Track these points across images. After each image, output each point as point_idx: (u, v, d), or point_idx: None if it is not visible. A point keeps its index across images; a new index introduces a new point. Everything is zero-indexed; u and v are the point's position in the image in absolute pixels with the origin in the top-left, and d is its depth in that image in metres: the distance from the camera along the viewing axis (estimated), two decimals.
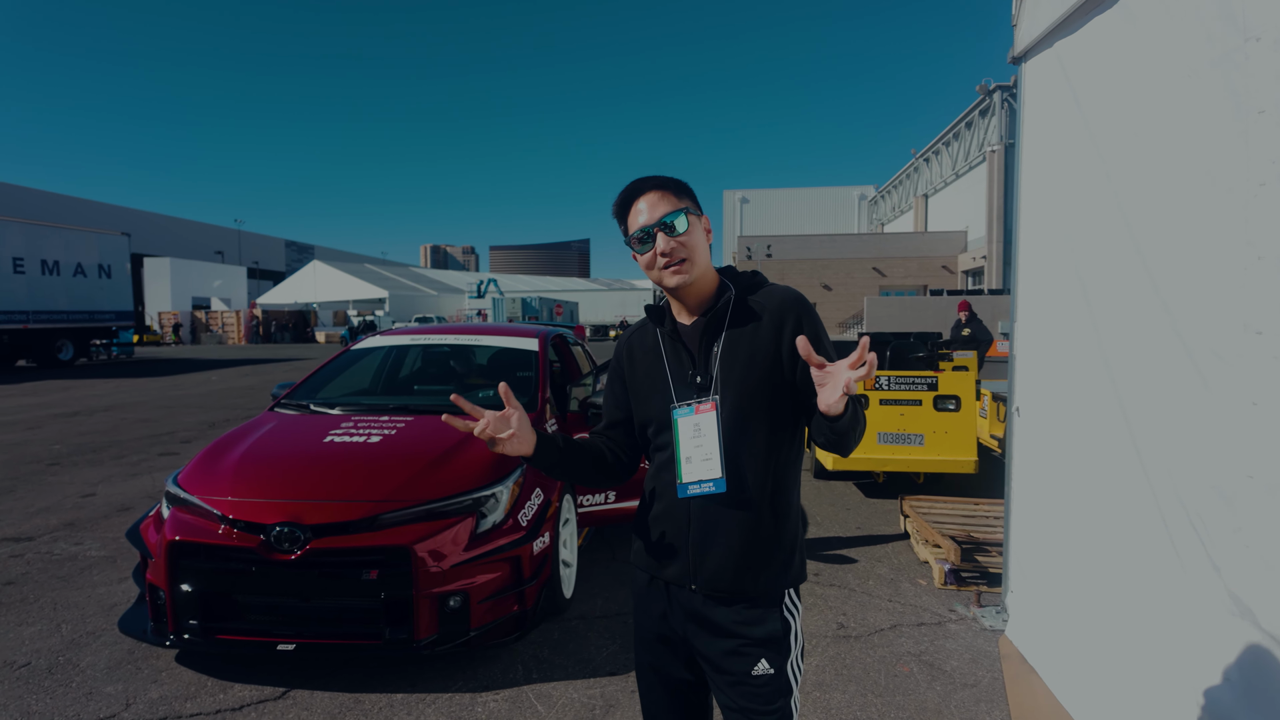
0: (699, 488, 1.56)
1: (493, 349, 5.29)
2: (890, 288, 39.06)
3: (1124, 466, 2.67)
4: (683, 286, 1.60)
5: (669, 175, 1.62)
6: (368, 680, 3.16)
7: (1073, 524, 3.07)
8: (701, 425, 1.57)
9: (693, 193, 1.63)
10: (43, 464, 7.66)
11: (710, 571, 1.57)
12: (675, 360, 1.65)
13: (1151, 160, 2.53)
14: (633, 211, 1.60)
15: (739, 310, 1.62)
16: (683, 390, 1.62)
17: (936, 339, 9.71)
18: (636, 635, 1.74)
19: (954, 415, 6.06)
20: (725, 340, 1.60)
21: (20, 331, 20.80)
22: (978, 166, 34.98)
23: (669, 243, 1.55)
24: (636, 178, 1.63)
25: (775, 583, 1.58)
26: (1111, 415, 2.76)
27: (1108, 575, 2.79)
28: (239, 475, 3.34)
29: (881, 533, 5.37)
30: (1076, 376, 3.04)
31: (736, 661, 1.56)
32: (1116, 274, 2.73)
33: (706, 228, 1.63)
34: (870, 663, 3.35)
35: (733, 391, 1.57)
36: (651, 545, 1.67)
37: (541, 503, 3.53)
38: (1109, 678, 2.70)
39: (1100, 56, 2.86)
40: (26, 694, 3.06)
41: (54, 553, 4.84)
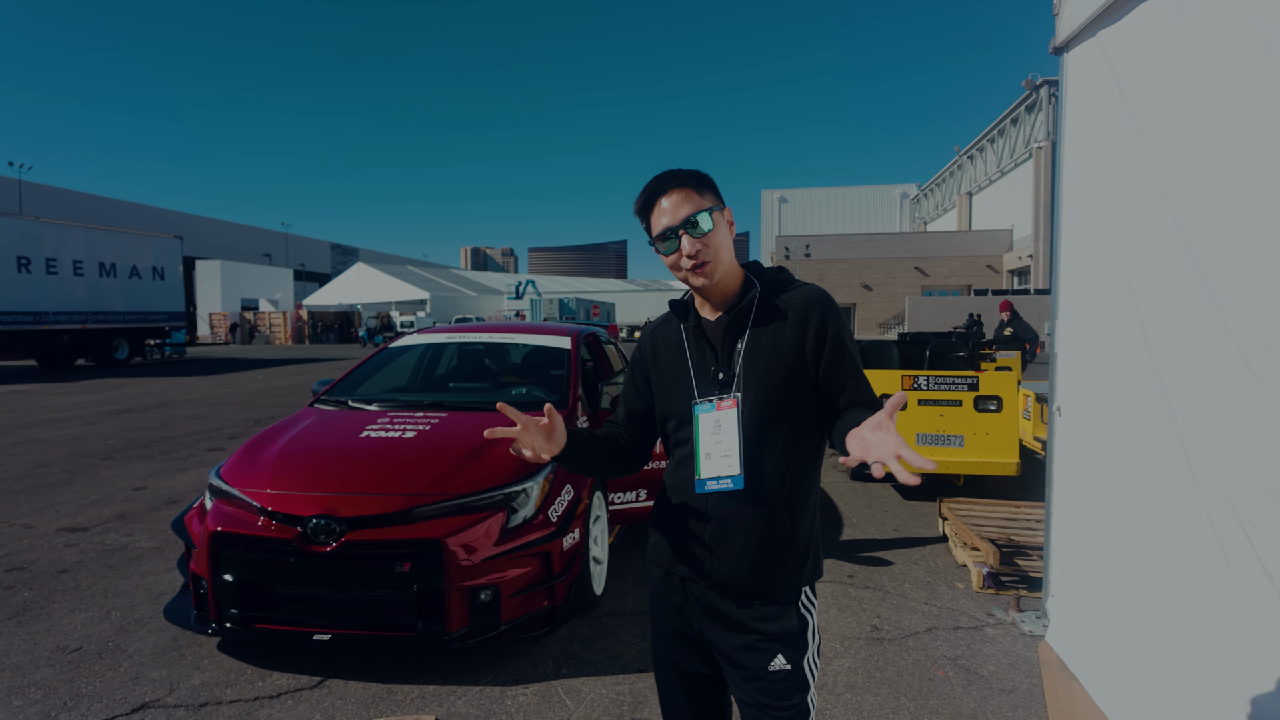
0: (717, 484, 1.56)
1: (526, 347, 5.33)
2: (933, 288, 38.36)
3: (1170, 467, 2.58)
4: (707, 287, 1.59)
5: (689, 169, 1.60)
6: (400, 671, 3.21)
7: (1116, 527, 2.98)
8: (722, 422, 1.56)
9: (714, 185, 1.62)
10: (98, 458, 7.95)
11: (726, 568, 1.56)
12: (699, 356, 1.64)
13: (1200, 150, 2.44)
14: (655, 211, 1.58)
15: (764, 308, 1.60)
16: (705, 386, 1.61)
17: (979, 338, 9.52)
18: (653, 630, 1.75)
19: (995, 416, 5.92)
20: (749, 338, 1.58)
21: (80, 331, 21.61)
22: (1024, 163, 34.17)
23: (693, 245, 1.54)
24: (657, 175, 1.61)
25: (791, 581, 1.57)
26: (1157, 414, 2.67)
27: (1152, 580, 2.70)
28: (278, 469, 3.42)
29: (918, 535, 5.28)
30: (1121, 375, 2.95)
31: (752, 657, 1.56)
32: (1163, 269, 2.64)
33: (729, 220, 1.62)
34: (904, 666, 3.29)
35: (754, 389, 1.55)
36: (668, 541, 1.67)
37: (572, 499, 3.55)
38: (1152, 685, 2.61)
39: (1146, 44, 2.76)
40: (77, 677, 3.18)
41: (106, 543, 5.02)
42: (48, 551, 4.82)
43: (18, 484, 6.72)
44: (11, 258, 19.50)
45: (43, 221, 21.04)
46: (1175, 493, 2.55)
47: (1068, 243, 3.49)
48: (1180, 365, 2.54)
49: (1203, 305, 2.40)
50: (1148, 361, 2.72)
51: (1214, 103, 2.38)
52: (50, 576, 4.37)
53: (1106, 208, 3.07)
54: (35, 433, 9.65)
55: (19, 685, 3.10)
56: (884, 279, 37.92)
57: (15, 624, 3.71)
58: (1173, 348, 2.59)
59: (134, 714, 2.88)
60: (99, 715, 2.87)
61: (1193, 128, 2.48)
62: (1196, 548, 2.44)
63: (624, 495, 4.45)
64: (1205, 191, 2.42)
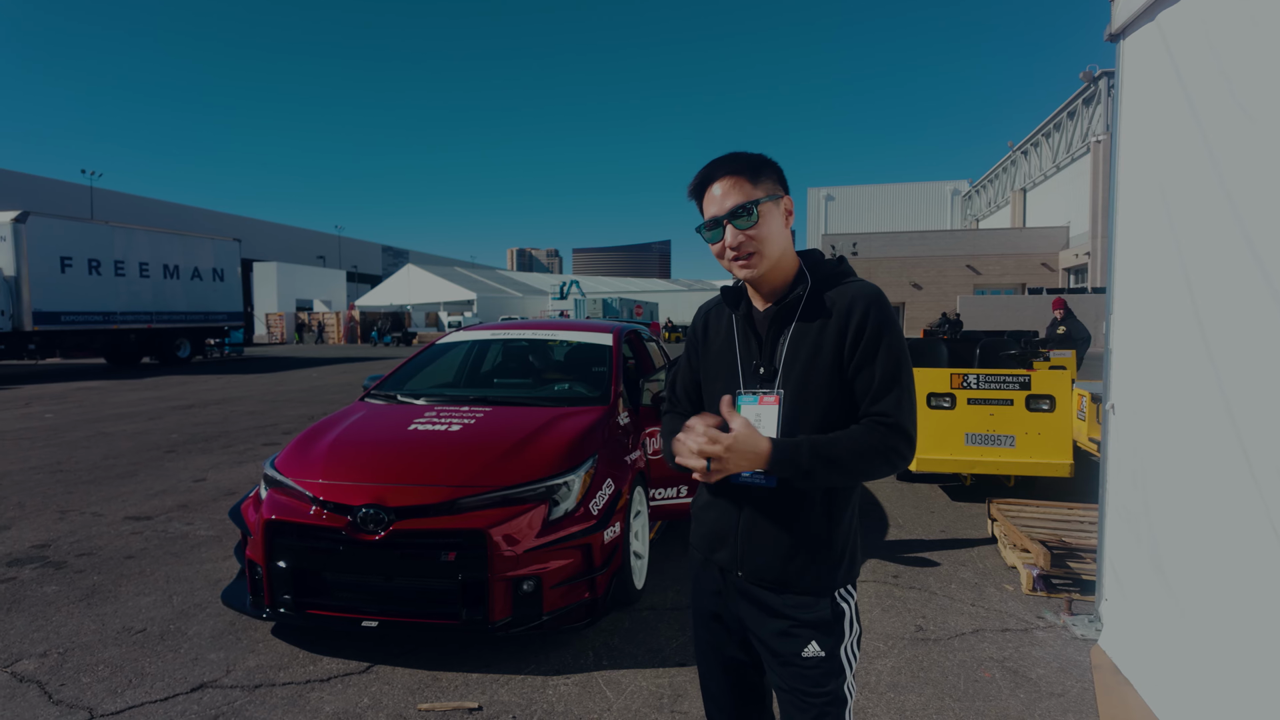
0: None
1: (569, 344, 5.39)
2: (985, 286, 37.46)
3: (1229, 468, 2.49)
4: (753, 279, 1.57)
5: (748, 154, 1.55)
6: (445, 659, 3.28)
7: (1173, 529, 2.88)
8: (762, 416, 1.54)
9: (775, 170, 1.56)
10: (161, 451, 8.28)
11: (757, 562, 1.56)
12: (745, 346, 1.62)
13: (1264, 140, 2.35)
14: (707, 196, 1.55)
15: (812, 303, 1.56)
16: (749, 378, 1.59)
17: (1032, 337, 9.27)
18: (694, 614, 1.76)
19: (1048, 416, 5.76)
20: (793, 333, 1.55)
21: (145, 331, 22.53)
22: (1081, 158, 33.14)
23: (737, 236, 1.51)
24: (716, 158, 1.56)
25: (824, 581, 1.55)
26: (1216, 414, 2.57)
27: (1212, 584, 2.60)
28: (330, 460, 3.52)
29: (966, 536, 5.17)
30: (1177, 373, 2.85)
31: (786, 643, 1.55)
32: (1223, 266, 2.54)
33: (788, 209, 1.56)
34: (949, 667, 3.23)
35: (794, 386, 1.53)
36: (704, 529, 1.68)
37: (612, 493, 3.58)
38: (1211, 693, 2.51)
39: (1207, 26, 2.66)
40: (141, 657, 3.33)
41: (168, 531, 5.23)
42: (115, 538, 5.05)
43: (88, 475, 7.05)
44: (84, 261, 20.44)
45: (112, 226, 22.00)
46: (1235, 495, 2.46)
47: (1123, 238, 3.38)
48: (1239, 364, 2.45)
49: (1265, 303, 2.31)
50: (1206, 360, 2.63)
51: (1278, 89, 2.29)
52: (117, 562, 4.58)
53: (1164, 202, 2.97)
54: (104, 426, 10.11)
55: (88, 663, 3.26)
56: (934, 277, 37.15)
57: (85, 605, 3.90)
58: (1232, 346, 2.49)
59: (193, 693, 3.01)
60: (161, 693, 3.01)
61: (1256, 117, 2.38)
62: (1257, 551, 2.34)
63: (665, 491, 4.46)
64: (1269, 185, 2.32)
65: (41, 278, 19.14)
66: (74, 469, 7.30)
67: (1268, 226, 2.31)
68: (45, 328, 19.30)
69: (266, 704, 2.92)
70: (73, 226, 20.52)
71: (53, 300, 19.47)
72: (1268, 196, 2.32)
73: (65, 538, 5.06)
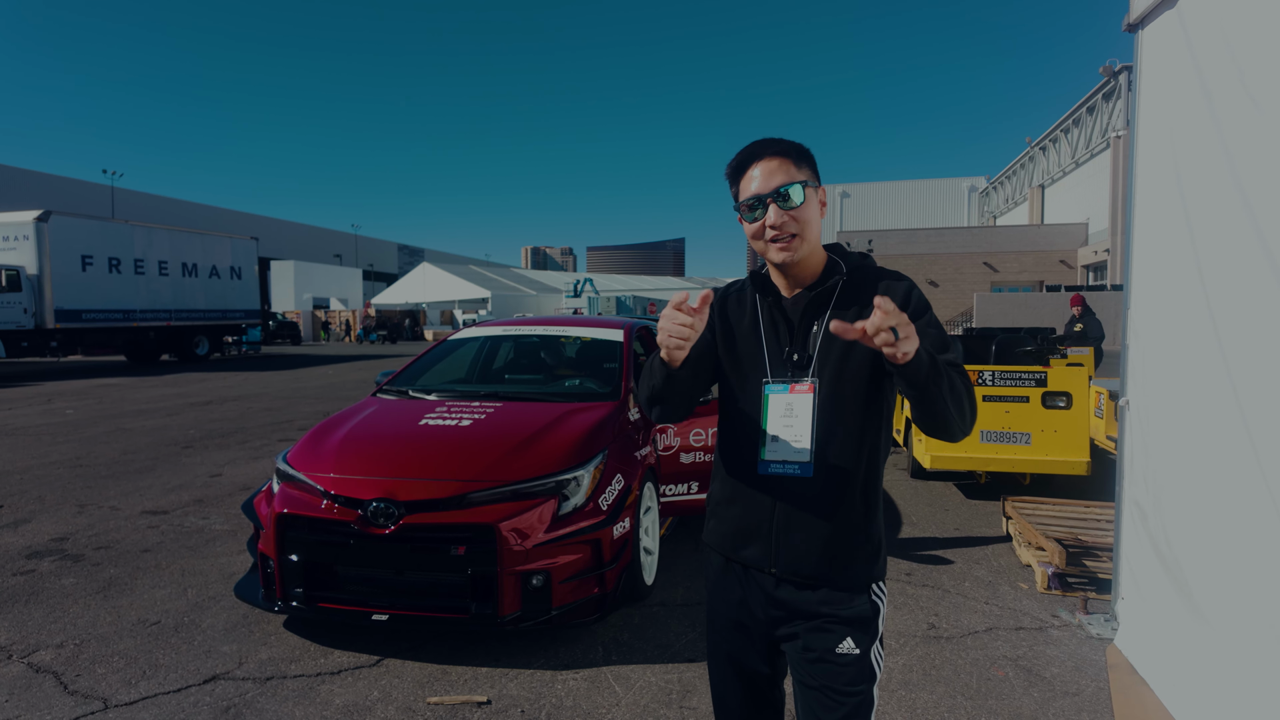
0: (781, 468, 1.50)
1: (580, 340, 5.38)
2: (1003, 284, 37.10)
3: (1241, 466, 2.45)
4: (789, 263, 1.51)
5: (790, 139, 1.51)
6: (454, 653, 3.29)
7: (1188, 527, 2.83)
8: (795, 406, 1.50)
9: (813, 160, 1.53)
10: (179, 447, 8.38)
11: (793, 556, 1.50)
12: (773, 334, 1.56)
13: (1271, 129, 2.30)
14: (746, 176, 1.49)
15: (847, 292, 1.52)
16: (778, 366, 1.54)
17: (1049, 334, 9.16)
18: (710, 621, 1.68)
19: (1065, 413, 5.70)
20: (829, 321, 1.50)
21: (164, 328, 22.80)
22: (1100, 154, 32.76)
23: (781, 216, 1.45)
24: (756, 140, 1.52)
25: (863, 573, 1.52)
26: (1227, 411, 2.53)
27: (1223, 583, 2.56)
28: (341, 454, 3.54)
29: (981, 534, 5.12)
30: (1191, 370, 2.81)
31: (820, 638, 1.50)
32: (1236, 262, 2.51)
33: (822, 200, 1.53)
34: (961, 665, 3.20)
35: (831, 375, 1.49)
36: (728, 525, 1.60)
37: (622, 489, 3.57)
38: (1229, 694, 2.47)
39: (1222, 12, 2.61)
40: (156, 648, 3.36)
41: (185, 525, 5.29)
42: (132, 532, 5.11)
43: (106, 470, 7.14)
44: (104, 259, 20.70)
45: (131, 225, 22.27)
46: (1247, 493, 2.42)
47: (1140, 233, 3.33)
48: (1251, 361, 2.41)
49: (1274, 296, 2.27)
50: (1218, 356, 2.59)
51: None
52: (134, 555, 4.63)
53: (1180, 195, 2.92)
54: (124, 422, 10.23)
55: (104, 654, 3.30)
56: (951, 275, 36.85)
57: (102, 598, 3.95)
58: (1244, 343, 2.46)
59: (205, 685, 3.03)
60: (174, 684, 3.03)
61: (1261, 104, 2.33)
62: (1268, 550, 2.30)
63: (675, 488, 4.45)
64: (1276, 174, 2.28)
65: (63, 276, 19.41)
66: (93, 464, 7.40)
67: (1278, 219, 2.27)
68: (67, 325, 19.58)
69: (278, 696, 2.94)
70: (94, 225, 20.79)
71: (74, 298, 19.73)
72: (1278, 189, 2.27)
73: (83, 531, 5.13)
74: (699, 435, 4.54)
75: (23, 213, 19.27)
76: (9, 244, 18.93)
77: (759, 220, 1.48)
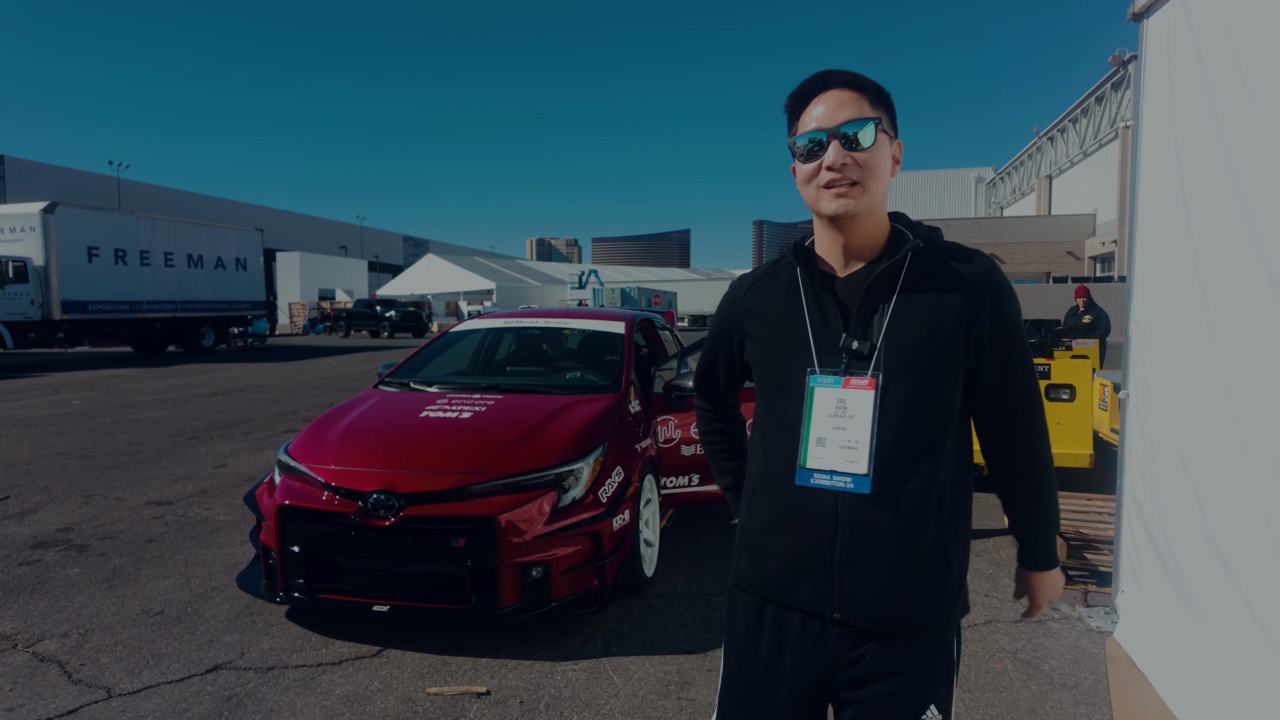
0: (829, 480, 1.23)
1: (581, 332, 5.38)
2: (1010, 274, 36.71)
3: (1230, 459, 2.46)
4: (844, 216, 1.24)
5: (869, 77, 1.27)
6: (454, 644, 3.30)
7: (1183, 521, 2.83)
8: (850, 404, 1.24)
9: (892, 106, 1.28)
10: (184, 437, 8.42)
11: (865, 598, 1.22)
12: (819, 316, 1.30)
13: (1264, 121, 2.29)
14: (808, 109, 1.25)
15: (921, 269, 1.27)
16: (828, 356, 1.28)
17: (1053, 325, 9.11)
18: (732, 686, 1.36)
19: (1068, 406, 5.68)
20: (897, 304, 1.25)
21: (170, 320, 22.87)
22: (1108, 144, 32.54)
23: (843, 156, 1.20)
24: (826, 69, 1.27)
25: (946, 611, 1.25)
26: (1218, 405, 2.55)
27: (1220, 576, 2.56)
28: (342, 446, 3.56)
29: (982, 527, 5.11)
30: (1187, 363, 2.81)
31: (899, 708, 1.24)
32: (1228, 254, 2.52)
33: (896, 156, 1.29)
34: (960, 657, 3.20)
35: (901, 369, 1.23)
36: (771, 562, 1.30)
37: (621, 481, 3.58)
38: (1225, 687, 2.47)
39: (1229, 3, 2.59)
40: (159, 638, 3.39)
41: (189, 516, 5.32)
42: (137, 523, 5.14)
43: (112, 460, 7.18)
44: (110, 251, 20.76)
45: (138, 216, 22.31)
46: (1236, 485, 2.43)
47: (1144, 225, 3.31)
48: (1240, 355, 2.42)
49: (1264, 292, 2.27)
50: (1211, 350, 2.59)
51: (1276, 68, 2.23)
52: (138, 545, 4.66)
53: (1181, 187, 2.90)
54: (129, 413, 10.29)
55: (107, 644, 3.33)
56: None
57: (106, 588, 3.98)
58: (1234, 336, 2.46)
59: (208, 674, 3.06)
60: (176, 674, 3.06)
61: (1257, 95, 2.32)
62: (1255, 541, 2.31)
63: (676, 480, 4.46)
64: (1268, 168, 2.27)
65: (70, 267, 19.46)
66: (99, 454, 7.44)
67: (1268, 212, 2.26)
68: (73, 316, 19.65)
69: (279, 685, 2.96)
70: (100, 217, 20.84)
71: (81, 290, 19.80)
72: (1270, 182, 2.26)
73: (89, 521, 5.17)
74: None
75: (29, 204, 19.32)
76: (16, 235, 18.99)
77: (816, 161, 1.23)
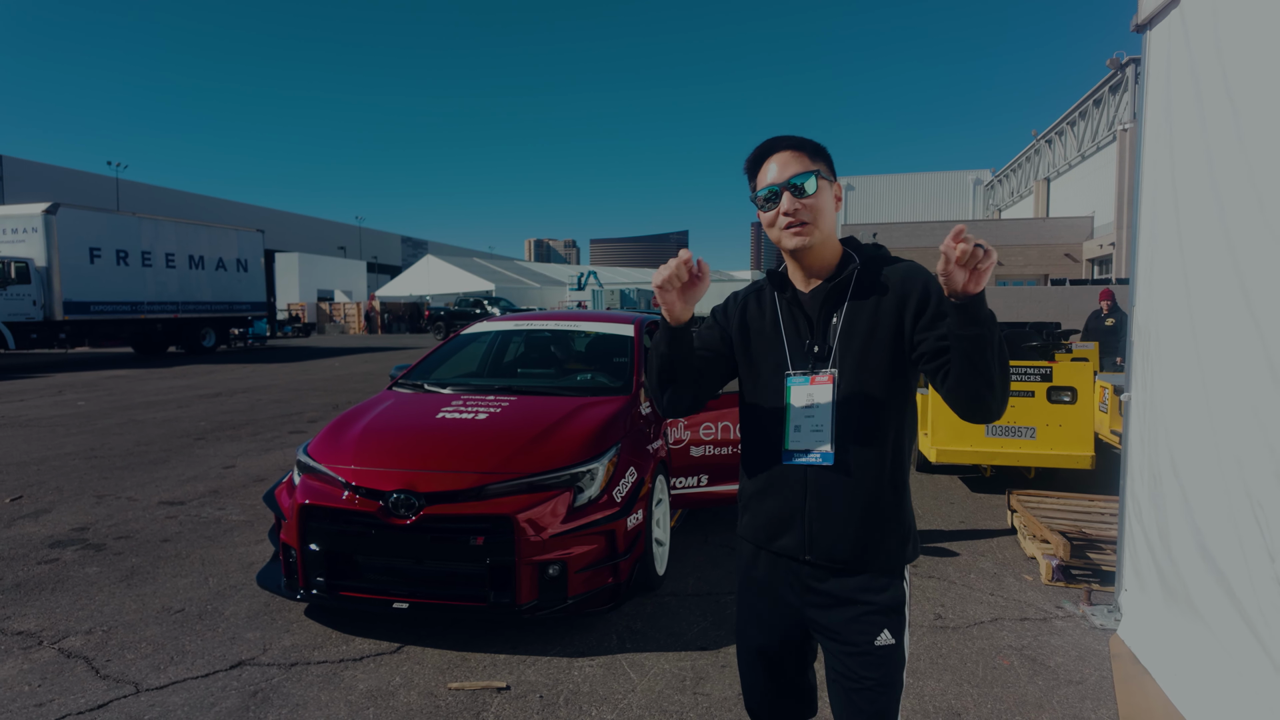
0: (805, 458, 1.55)
1: (591, 334, 5.45)
2: (1008, 277, 37.04)
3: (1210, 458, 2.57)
4: (802, 249, 1.56)
5: (806, 137, 1.59)
6: (473, 640, 3.37)
7: (1179, 519, 2.91)
8: (815, 396, 1.55)
9: (828, 157, 1.60)
10: (191, 438, 8.47)
11: (827, 544, 1.55)
12: (792, 327, 1.62)
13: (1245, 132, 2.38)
14: (763, 169, 1.58)
15: (863, 282, 1.58)
16: (798, 359, 1.60)
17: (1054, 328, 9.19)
18: (740, 610, 1.73)
19: (1069, 408, 5.76)
20: (847, 311, 1.57)
21: (171, 320, 22.90)
22: (1106, 147, 32.64)
23: (794, 203, 1.52)
24: (772, 136, 1.61)
25: (896, 556, 1.56)
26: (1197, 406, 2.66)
27: (1208, 574, 2.65)
28: (361, 446, 3.62)
29: (986, 527, 5.19)
30: (1179, 368, 2.91)
31: (858, 631, 1.54)
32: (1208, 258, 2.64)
33: (837, 195, 1.60)
34: (968, 654, 3.27)
35: (851, 365, 1.54)
36: (761, 518, 1.64)
37: (635, 481, 3.65)
38: (1225, 682, 2.55)
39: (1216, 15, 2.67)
40: (182, 635, 3.45)
41: (202, 516, 5.38)
42: (150, 522, 5.20)
43: (121, 461, 7.24)
44: (112, 252, 20.78)
45: (139, 217, 22.34)
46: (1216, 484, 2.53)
47: (1145, 233, 3.39)
48: (1216, 359, 2.55)
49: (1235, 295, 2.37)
50: (1194, 354, 2.69)
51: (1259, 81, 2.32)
52: (154, 545, 4.72)
53: (1174, 195, 3.01)
54: (135, 414, 10.34)
55: (131, 640, 3.39)
56: None
57: (126, 586, 4.04)
58: (1212, 340, 2.58)
59: (233, 670, 3.12)
60: (202, 670, 3.12)
61: (1240, 109, 2.41)
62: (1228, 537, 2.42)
63: (686, 480, 4.53)
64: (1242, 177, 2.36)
65: (71, 268, 19.49)
66: (107, 455, 7.50)
67: (1240, 218, 2.36)
68: (75, 317, 19.68)
69: (303, 681, 3.03)
70: (101, 218, 20.86)
71: (82, 290, 19.82)
72: (1240, 188, 2.36)
73: (103, 521, 5.22)
74: (709, 429, 4.61)
75: (31, 205, 19.35)
76: (18, 236, 19.02)
77: (774, 209, 1.55)
